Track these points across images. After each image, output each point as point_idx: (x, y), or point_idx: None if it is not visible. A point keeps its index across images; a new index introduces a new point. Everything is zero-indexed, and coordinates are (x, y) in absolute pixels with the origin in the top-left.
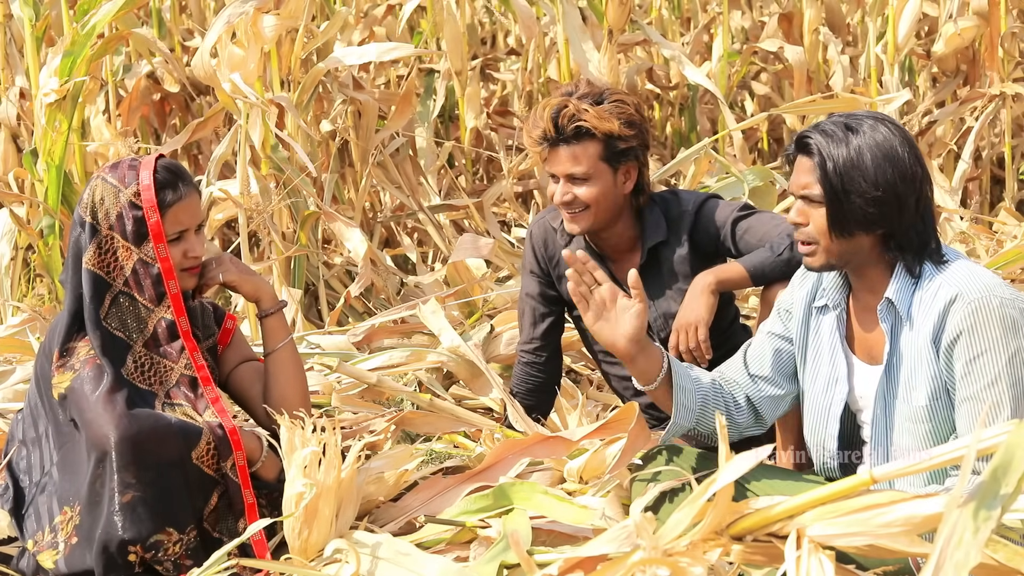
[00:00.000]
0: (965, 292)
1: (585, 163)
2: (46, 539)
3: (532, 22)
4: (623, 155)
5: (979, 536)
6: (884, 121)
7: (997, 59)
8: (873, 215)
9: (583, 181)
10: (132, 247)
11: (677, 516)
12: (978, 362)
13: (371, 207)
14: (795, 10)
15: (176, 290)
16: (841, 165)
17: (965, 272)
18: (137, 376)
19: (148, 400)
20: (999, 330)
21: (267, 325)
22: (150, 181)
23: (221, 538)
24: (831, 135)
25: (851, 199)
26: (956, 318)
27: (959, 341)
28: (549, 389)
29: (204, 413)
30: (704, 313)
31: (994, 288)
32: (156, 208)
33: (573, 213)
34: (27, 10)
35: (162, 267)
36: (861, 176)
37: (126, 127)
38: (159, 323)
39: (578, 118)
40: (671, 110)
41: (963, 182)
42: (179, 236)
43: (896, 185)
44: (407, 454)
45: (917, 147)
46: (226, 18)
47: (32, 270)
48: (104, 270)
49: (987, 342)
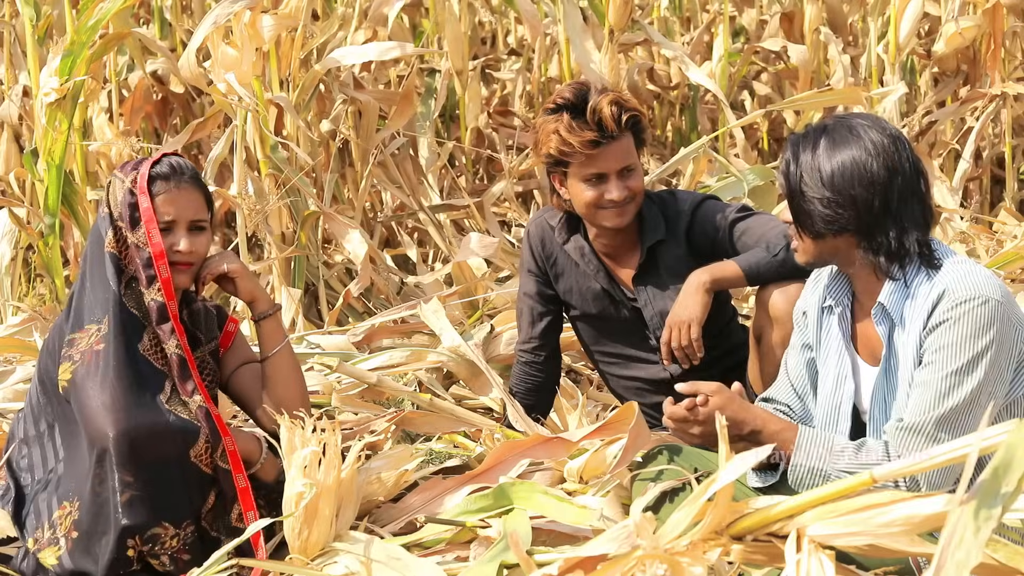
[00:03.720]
0: (952, 290)
1: (633, 153)
2: (46, 536)
3: (536, 21)
4: (643, 142)
5: (980, 536)
6: (874, 126)
7: (999, 59)
8: (830, 216)
9: (632, 172)
10: (131, 232)
11: (677, 516)
12: (942, 352)
13: (371, 207)
14: (796, 9)
15: (166, 274)
16: (801, 165)
17: (959, 272)
18: (152, 353)
19: (159, 379)
20: (973, 327)
21: (264, 328)
22: (147, 170)
23: (219, 536)
24: (808, 135)
25: (806, 199)
26: (938, 312)
27: (934, 331)
28: (548, 388)
29: (193, 395)
30: (697, 311)
31: (983, 288)
32: (146, 193)
33: (623, 207)
34: (28, 10)
35: (152, 251)
36: (818, 178)
37: (128, 127)
38: (150, 304)
39: (628, 108)
40: (672, 110)
41: (963, 182)
42: (167, 227)
43: (851, 188)
44: (407, 454)
45: (905, 152)
46: (213, 19)
47: (32, 270)
48: (121, 254)
49: (957, 335)
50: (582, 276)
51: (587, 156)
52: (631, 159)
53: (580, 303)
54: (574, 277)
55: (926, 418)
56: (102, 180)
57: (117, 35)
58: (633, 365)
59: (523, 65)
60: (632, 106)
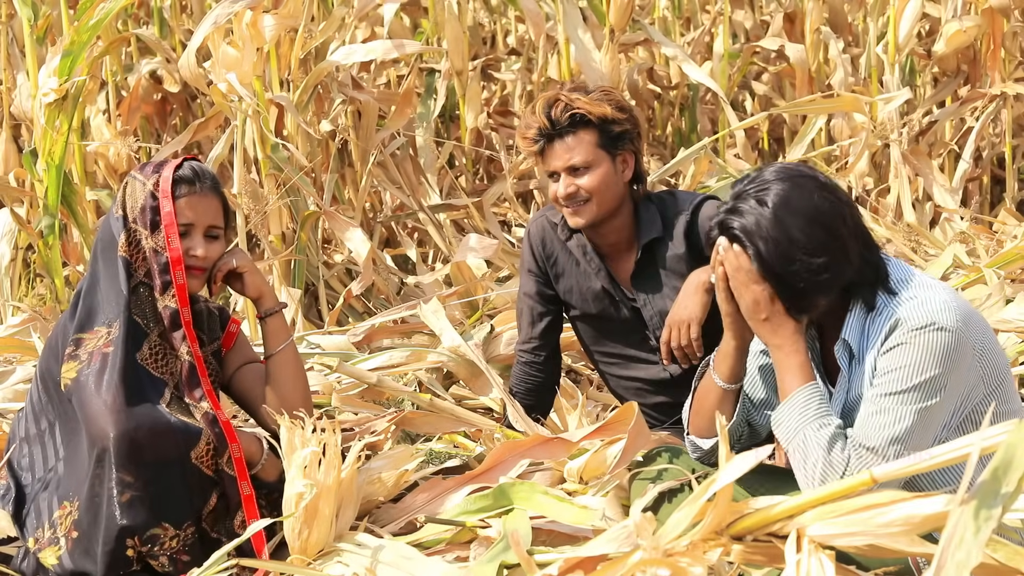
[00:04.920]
0: (907, 319)
1: (583, 151)
2: (46, 535)
3: (539, 19)
4: (619, 141)
5: (980, 536)
6: (791, 176)
7: (998, 59)
8: (827, 280)
9: (584, 171)
10: (149, 236)
11: (677, 516)
12: (891, 374)
13: (371, 207)
14: (797, 9)
15: (182, 280)
16: (768, 244)
17: (916, 300)
18: (151, 362)
19: (158, 387)
20: (922, 353)
21: (268, 326)
22: (170, 173)
23: (220, 538)
24: (750, 214)
25: (798, 276)
26: (892, 338)
27: (887, 354)
28: (548, 389)
29: (200, 402)
30: (697, 311)
31: (937, 316)
32: (170, 197)
33: (576, 206)
34: (26, 10)
35: (170, 256)
36: (798, 249)
37: (126, 127)
38: (163, 311)
39: (571, 107)
40: (672, 110)
41: (963, 182)
42: (185, 232)
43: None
44: (407, 454)
45: (831, 184)
46: (213, 19)
47: (32, 270)
48: (132, 258)
49: (907, 359)
50: (583, 275)
51: (538, 154)
52: (579, 157)
53: (580, 303)
54: (575, 277)
55: (880, 439)
56: (101, 180)
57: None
58: (633, 365)
59: (523, 65)
60: (581, 105)
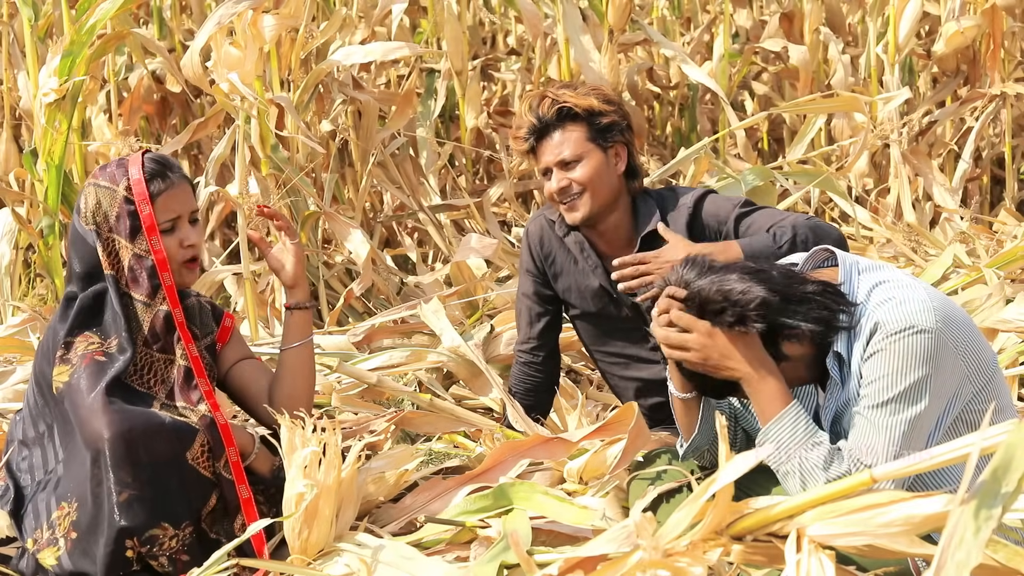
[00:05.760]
0: (885, 323)
1: (572, 145)
2: (45, 536)
3: (537, 20)
4: (608, 132)
5: (980, 536)
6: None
7: (998, 59)
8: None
9: (575, 164)
10: (128, 244)
11: (677, 516)
12: (875, 384)
13: (371, 207)
14: (796, 10)
15: (170, 282)
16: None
17: (894, 301)
18: (135, 379)
19: (146, 403)
20: (903, 359)
21: (294, 317)
22: (140, 175)
23: (219, 538)
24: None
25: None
26: (872, 344)
27: (868, 361)
28: (547, 388)
29: (198, 405)
30: None
31: (915, 318)
32: (148, 199)
33: (571, 200)
34: (27, 10)
35: (156, 259)
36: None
37: (127, 127)
38: (156, 316)
39: (557, 101)
40: (671, 110)
41: (963, 182)
42: (173, 226)
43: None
44: (407, 454)
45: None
46: (216, 19)
47: (32, 270)
48: (117, 273)
49: (889, 367)
50: (581, 274)
51: (531, 152)
52: (569, 150)
53: (579, 302)
54: (573, 275)
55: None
56: None
57: (117, 35)
58: (634, 365)
59: (523, 65)
60: (566, 99)
